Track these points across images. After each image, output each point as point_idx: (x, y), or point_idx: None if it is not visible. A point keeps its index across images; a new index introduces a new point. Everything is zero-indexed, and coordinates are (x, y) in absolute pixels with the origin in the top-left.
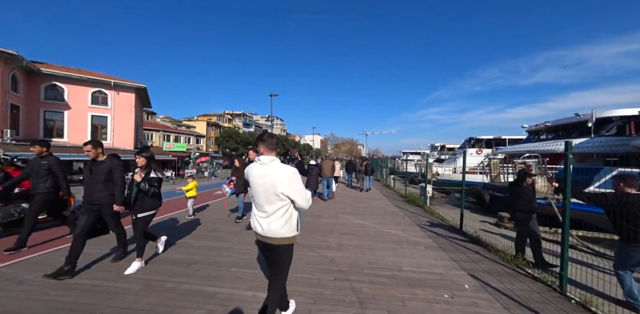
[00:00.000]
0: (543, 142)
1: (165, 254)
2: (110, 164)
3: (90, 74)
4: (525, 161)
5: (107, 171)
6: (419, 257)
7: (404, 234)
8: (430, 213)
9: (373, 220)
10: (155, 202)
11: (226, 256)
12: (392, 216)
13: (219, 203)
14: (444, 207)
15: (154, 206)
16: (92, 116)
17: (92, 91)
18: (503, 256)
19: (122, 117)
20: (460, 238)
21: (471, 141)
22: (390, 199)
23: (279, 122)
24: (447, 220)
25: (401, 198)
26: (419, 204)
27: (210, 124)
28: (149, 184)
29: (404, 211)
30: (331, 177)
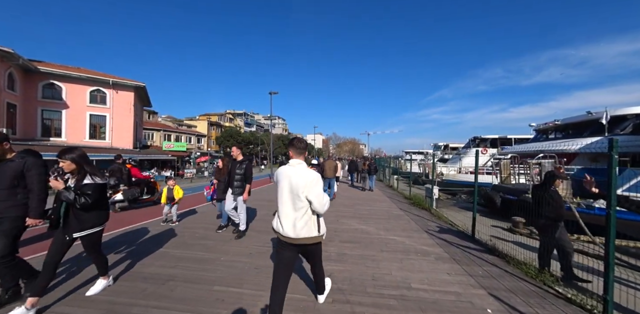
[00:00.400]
0: (552, 142)
1: (140, 267)
2: (21, 163)
3: (88, 73)
4: (540, 161)
5: (16, 174)
6: (429, 270)
7: (411, 241)
8: (438, 217)
9: (377, 225)
10: (97, 217)
11: (210, 270)
12: (397, 221)
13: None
14: (451, 210)
15: (95, 222)
16: (91, 115)
17: (91, 90)
18: (526, 270)
19: (121, 117)
20: (473, 246)
21: (476, 141)
22: (394, 201)
23: (280, 121)
24: (456, 225)
25: (406, 200)
26: (424, 206)
27: (211, 124)
28: (80, 193)
29: (410, 214)
30: (333, 178)
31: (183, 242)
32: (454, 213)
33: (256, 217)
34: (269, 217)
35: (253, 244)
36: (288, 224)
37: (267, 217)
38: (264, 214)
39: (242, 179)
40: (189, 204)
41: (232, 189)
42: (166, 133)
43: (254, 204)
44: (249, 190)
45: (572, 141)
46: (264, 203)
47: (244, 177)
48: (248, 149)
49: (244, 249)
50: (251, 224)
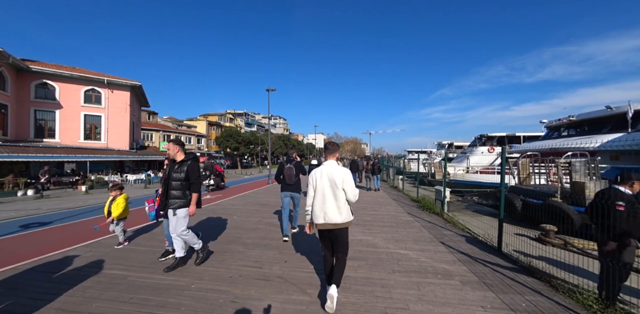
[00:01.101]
0: (567, 139)
1: (81, 303)
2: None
3: (82, 72)
4: (570, 160)
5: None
6: (457, 302)
7: (427, 257)
8: (452, 224)
9: (384, 235)
10: None
11: (171, 306)
12: (406, 228)
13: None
14: (464, 214)
15: None
16: (85, 115)
17: (85, 89)
18: (583, 301)
19: (117, 117)
20: (503, 264)
21: (482, 139)
22: (401, 204)
23: (281, 121)
24: (475, 234)
25: (413, 203)
26: (435, 211)
27: (211, 124)
28: None
29: (420, 220)
30: None
31: (149, 261)
32: (468, 218)
33: (247, 226)
34: (263, 226)
35: (237, 263)
36: (334, 212)
37: (261, 225)
38: (257, 221)
39: (183, 186)
40: None
41: (167, 201)
42: (165, 134)
43: (246, 209)
44: (196, 201)
45: (590, 137)
46: (256, 208)
47: (184, 184)
48: (248, 149)
49: (224, 272)
50: (239, 235)
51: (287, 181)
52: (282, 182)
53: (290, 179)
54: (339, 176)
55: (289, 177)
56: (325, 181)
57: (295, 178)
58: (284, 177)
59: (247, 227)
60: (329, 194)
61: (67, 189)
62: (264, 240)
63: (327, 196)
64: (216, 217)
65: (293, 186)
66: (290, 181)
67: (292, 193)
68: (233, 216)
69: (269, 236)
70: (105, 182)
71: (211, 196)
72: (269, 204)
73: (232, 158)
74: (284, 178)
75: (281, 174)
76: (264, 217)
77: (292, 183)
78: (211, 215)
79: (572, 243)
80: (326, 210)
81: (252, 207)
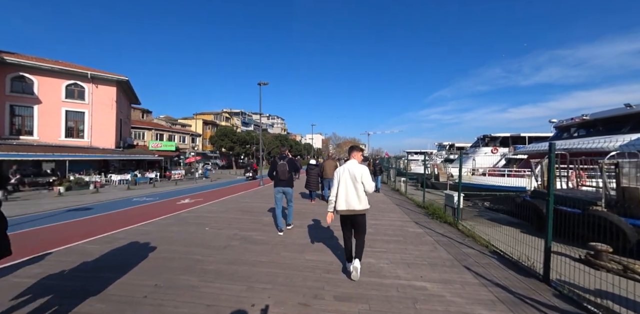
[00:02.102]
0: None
1: None
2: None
3: (64, 65)
4: (617, 161)
5: None
6: None
7: (454, 293)
8: (472, 238)
9: (391, 255)
10: None
11: None
12: (417, 245)
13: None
14: (478, 223)
15: None
16: (67, 111)
17: (67, 84)
18: None
19: (102, 113)
20: (562, 306)
21: (485, 139)
22: (406, 211)
23: (279, 121)
24: (504, 252)
25: (419, 210)
26: (447, 220)
27: (206, 123)
28: None
29: (431, 232)
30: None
31: None
32: (485, 228)
33: (217, 243)
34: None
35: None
36: (355, 200)
37: (235, 241)
38: (231, 235)
39: None
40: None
41: None
42: (158, 132)
43: (224, 217)
44: None
45: (608, 138)
46: (237, 216)
47: None
48: (244, 148)
49: None
50: (201, 257)
51: (280, 176)
52: (275, 179)
53: (283, 175)
54: (359, 172)
55: (282, 173)
56: (347, 175)
57: (287, 174)
58: (277, 173)
59: (217, 245)
60: (351, 186)
61: (43, 190)
62: (232, 265)
63: (349, 187)
64: (183, 229)
65: (286, 181)
66: (284, 176)
67: (285, 188)
68: (205, 227)
69: (240, 258)
70: (85, 183)
71: (190, 200)
72: (253, 211)
73: (228, 158)
74: (277, 174)
75: (274, 170)
76: (243, 229)
77: (285, 179)
78: (180, 225)
79: (634, 268)
80: (348, 199)
81: (232, 215)
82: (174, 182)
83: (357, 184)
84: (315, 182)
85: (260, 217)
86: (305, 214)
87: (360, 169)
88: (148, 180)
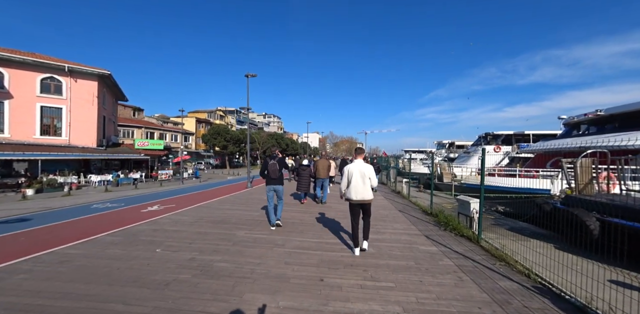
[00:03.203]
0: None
1: None
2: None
3: (38, 57)
4: None
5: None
6: None
7: None
8: (502, 260)
9: (403, 297)
10: None
11: None
12: (435, 274)
13: (109, 244)
14: (500, 236)
15: None
16: (42, 107)
17: (42, 78)
18: None
19: (82, 109)
20: None
21: (487, 137)
22: (411, 219)
23: (276, 120)
24: (555, 286)
25: (427, 217)
26: (464, 233)
27: (200, 121)
28: None
29: (448, 251)
30: (326, 179)
31: None
32: (510, 243)
33: (160, 276)
34: (188, 274)
35: None
36: (365, 192)
37: (186, 273)
38: (186, 261)
39: None
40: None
41: None
42: (148, 130)
43: (188, 231)
44: None
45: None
46: (205, 230)
47: None
48: (238, 147)
49: None
50: (122, 309)
51: (272, 175)
52: (266, 177)
53: (274, 173)
54: (367, 170)
55: (273, 172)
56: (357, 172)
57: (278, 173)
58: (269, 172)
59: (157, 280)
60: (360, 181)
61: (10, 193)
62: None
63: (359, 182)
64: (125, 251)
65: (277, 180)
66: (275, 175)
67: (276, 186)
68: (156, 249)
69: (185, 305)
70: (59, 185)
71: (160, 206)
72: (229, 222)
73: (223, 157)
74: (269, 173)
75: (265, 169)
76: (205, 251)
77: (276, 177)
78: (125, 245)
79: None
80: (358, 191)
81: (200, 228)
82: (160, 184)
83: (366, 179)
84: (307, 184)
85: (233, 231)
86: (292, 226)
87: (368, 167)
88: (132, 181)
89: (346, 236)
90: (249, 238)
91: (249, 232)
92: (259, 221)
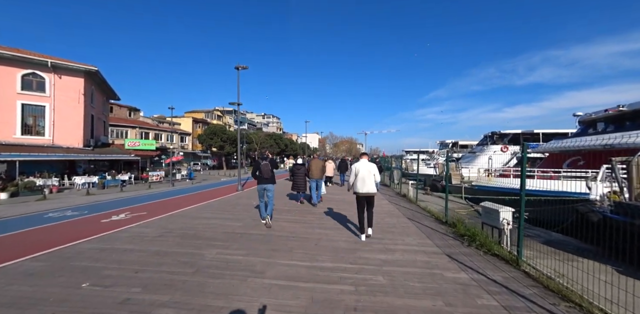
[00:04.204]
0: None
1: None
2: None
3: (18, 52)
4: None
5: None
6: None
7: None
8: (563, 297)
9: None
10: None
11: None
12: None
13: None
14: (539, 253)
15: None
16: (23, 104)
17: (23, 73)
18: None
19: (67, 107)
20: None
21: (493, 137)
22: (424, 229)
23: (275, 120)
24: None
25: (439, 224)
26: (493, 249)
27: (197, 121)
28: None
29: (484, 280)
30: (320, 179)
31: None
32: (553, 263)
33: None
34: None
35: None
36: (370, 186)
37: None
38: (113, 308)
39: None
40: None
41: None
42: (143, 131)
43: (143, 251)
44: None
45: None
46: (167, 249)
47: None
48: (235, 148)
49: None
50: None
51: (264, 175)
52: (258, 178)
53: (267, 173)
54: (372, 168)
55: (265, 172)
56: (364, 169)
57: (270, 173)
58: (261, 172)
59: None
60: (367, 177)
61: None
62: None
63: (366, 178)
64: (35, 287)
65: (269, 179)
66: (267, 175)
67: (267, 185)
68: (84, 282)
69: None
70: (38, 188)
71: (127, 215)
72: (202, 236)
73: (220, 158)
74: (261, 173)
75: (257, 170)
76: (149, 287)
77: (268, 177)
78: (43, 276)
79: None
80: (366, 185)
81: (160, 247)
82: (148, 186)
83: (371, 175)
84: (303, 183)
85: (203, 251)
86: (280, 240)
87: (372, 165)
88: (119, 183)
89: (348, 256)
90: (219, 261)
91: (222, 251)
92: (239, 235)
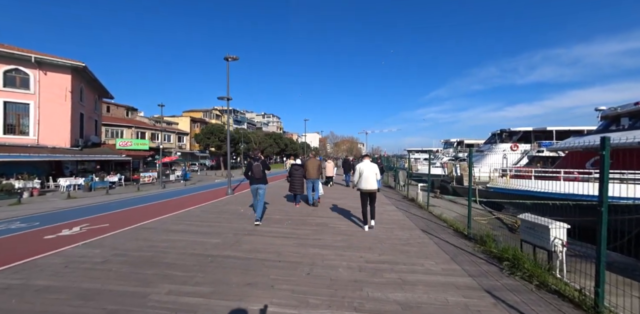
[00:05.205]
0: None
1: None
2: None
3: (1, 47)
4: None
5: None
6: None
7: None
8: None
9: None
10: None
11: None
12: None
13: None
14: (613, 288)
15: None
16: (6, 102)
17: (5, 69)
18: None
19: (53, 105)
20: None
21: (502, 135)
22: (445, 247)
23: (275, 119)
24: None
25: (460, 238)
26: (549, 282)
27: (195, 121)
28: None
29: None
30: (317, 179)
31: None
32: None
33: None
34: None
35: None
36: (373, 183)
37: None
38: None
39: None
40: None
41: None
42: (139, 130)
43: (54, 289)
44: None
45: None
46: (111, 286)
47: None
48: (233, 148)
49: None
50: None
51: (256, 176)
52: (250, 178)
53: (258, 174)
54: (374, 167)
55: (257, 173)
56: (368, 169)
57: (262, 173)
58: (253, 173)
59: None
60: (370, 175)
61: None
62: None
63: (369, 176)
64: None
65: (260, 179)
66: (259, 175)
67: (258, 185)
68: None
69: None
70: (15, 191)
71: (81, 228)
72: (160, 261)
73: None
74: (253, 174)
75: (249, 170)
76: None
77: (260, 177)
78: None
79: None
80: (369, 182)
81: (91, 284)
82: (138, 188)
83: (373, 174)
84: (300, 185)
85: (149, 289)
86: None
87: (374, 165)
88: (108, 185)
89: (351, 296)
90: (164, 310)
91: (176, 289)
92: (210, 259)
